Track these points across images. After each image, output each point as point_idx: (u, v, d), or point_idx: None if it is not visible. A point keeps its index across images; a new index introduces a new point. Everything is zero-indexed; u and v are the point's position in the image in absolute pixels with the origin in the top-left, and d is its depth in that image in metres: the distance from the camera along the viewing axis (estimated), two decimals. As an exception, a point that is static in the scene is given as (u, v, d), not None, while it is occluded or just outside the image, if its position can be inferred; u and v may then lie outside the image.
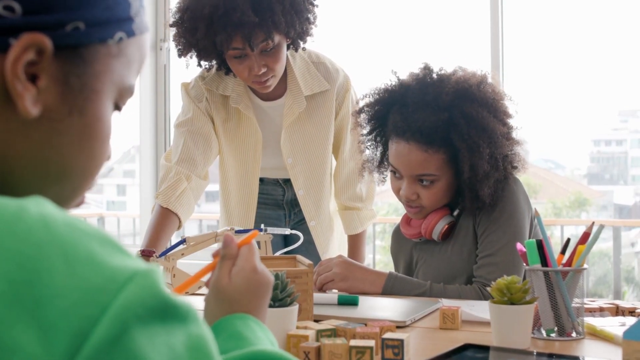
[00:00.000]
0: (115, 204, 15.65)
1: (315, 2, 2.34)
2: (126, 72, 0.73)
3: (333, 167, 2.62)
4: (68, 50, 0.67)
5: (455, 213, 2.09)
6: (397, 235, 2.25)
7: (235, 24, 2.18)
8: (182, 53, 2.34)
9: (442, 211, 2.08)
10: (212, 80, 2.46)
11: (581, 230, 1.88)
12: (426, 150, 1.98)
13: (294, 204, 2.59)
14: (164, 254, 1.99)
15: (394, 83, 2.08)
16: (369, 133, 2.15)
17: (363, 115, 2.14)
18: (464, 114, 1.97)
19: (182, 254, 1.99)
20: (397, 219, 2.28)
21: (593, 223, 1.54)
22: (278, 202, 2.60)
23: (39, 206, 0.59)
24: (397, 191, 2.09)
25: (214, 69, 2.44)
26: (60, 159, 0.69)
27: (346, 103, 2.51)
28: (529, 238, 2.00)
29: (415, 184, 2.03)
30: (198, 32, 2.23)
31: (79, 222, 0.60)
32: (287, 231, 2.18)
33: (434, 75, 2.05)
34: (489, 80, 2.05)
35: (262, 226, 2.11)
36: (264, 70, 2.28)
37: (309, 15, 2.32)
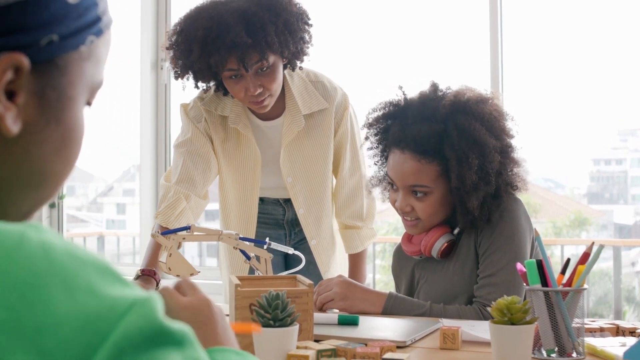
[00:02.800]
0: (115, 223, 15.63)
1: (310, 22, 2.36)
2: (96, 71, 0.74)
3: (334, 186, 2.62)
4: (43, 64, 0.68)
5: (456, 231, 2.09)
6: (399, 255, 2.25)
7: (229, 46, 2.20)
8: (178, 75, 2.36)
9: (442, 229, 2.08)
10: (210, 101, 2.47)
11: (581, 249, 1.89)
12: (419, 160, 2.01)
13: (295, 223, 2.59)
14: (167, 233, 2.00)
15: (399, 98, 2.12)
16: (376, 147, 2.18)
17: (372, 130, 2.17)
18: (456, 126, 2.00)
19: (184, 238, 2.02)
20: (397, 239, 2.28)
21: (593, 243, 1.54)
22: (278, 221, 2.60)
23: (39, 234, 0.59)
24: (393, 203, 2.11)
25: (212, 90, 2.46)
26: (40, 167, 0.70)
27: (345, 121, 2.52)
28: (530, 258, 2.00)
29: (409, 195, 2.05)
30: (192, 55, 2.25)
31: (79, 250, 0.60)
32: (290, 250, 2.18)
33: (439, 93, 2.08)
34: (495, 100, 2.08)
35: (267, 239, 2.11)
36: (259, 90, 2.29)
37: (303, 34, 2.33)
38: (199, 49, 2.23)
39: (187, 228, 2.02)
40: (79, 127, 0.73)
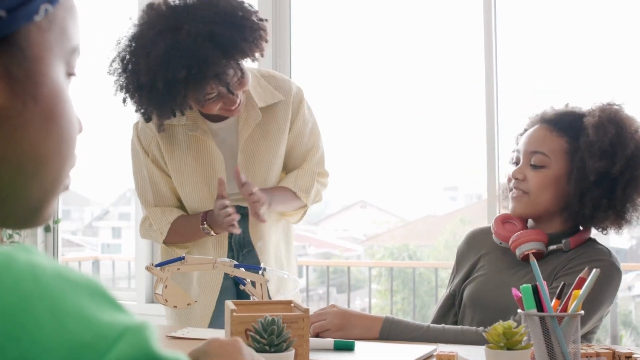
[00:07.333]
0: (111, 247, 15.60)
1: (261, 17, 2.24)
2: (64, 41, 0.69)
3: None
4: None
5: (550, 248, 2.03)
6: (471, 239, 2.21)
7: (211, 77, 2.11)
8: (146, 115, 2.26)
9: (541, 235, 2.03)
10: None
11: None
12: (551, 130, 2.05)
13: (243, 245, 2.46)
14: (160, 264, 1.98)
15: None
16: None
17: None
18: (599, 117, 1.98)
19: (178, 269, 1.99)
20: (393, 263, 2.28)
21: (588, 268, 1.54)
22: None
23: (28, 255, 0.56)
24: (508, 180, 2.10)
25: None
26: (30, 151, 0.66)
27: (301, 113, 2.42)
28: (587, 327, 1.94)
29: (527, 166, 2.05)
30: (178, 96, 2.13)
31: (70, 272, 0.57)
32: (286, 274, 2.17)
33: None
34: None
35: (262, 264, 2.09)
36: (240, 97, 2.22)
37: (261, 31, 2.21)
38: (184, 90, 2.11)
39: (181, 258, 1.99)
40: (61, 101, 0.68)
